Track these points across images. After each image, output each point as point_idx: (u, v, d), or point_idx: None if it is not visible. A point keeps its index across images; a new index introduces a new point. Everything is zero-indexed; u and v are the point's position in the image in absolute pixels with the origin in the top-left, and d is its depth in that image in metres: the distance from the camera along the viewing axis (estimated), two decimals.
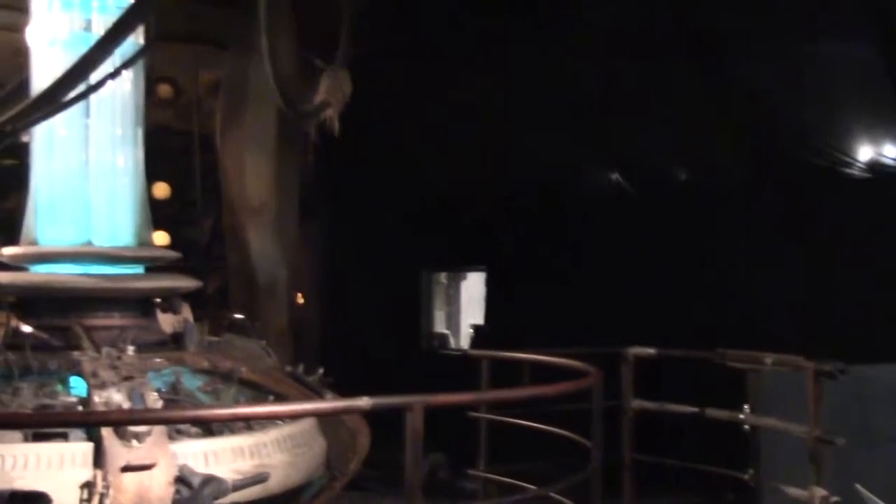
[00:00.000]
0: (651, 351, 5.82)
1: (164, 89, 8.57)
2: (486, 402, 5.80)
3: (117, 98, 4.84)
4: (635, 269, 8.36)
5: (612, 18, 7.56)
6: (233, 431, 4.15)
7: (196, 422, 4.03)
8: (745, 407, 5.29)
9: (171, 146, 8.30)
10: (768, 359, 5.14)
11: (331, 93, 5.38)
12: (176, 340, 4.76)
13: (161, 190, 8.13)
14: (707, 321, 7.53)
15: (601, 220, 8.59)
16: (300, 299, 8.66)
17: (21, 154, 4.91)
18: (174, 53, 8.29)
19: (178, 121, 8.78)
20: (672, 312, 7.90)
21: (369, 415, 3.88)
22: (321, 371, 4.89)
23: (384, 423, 3.96)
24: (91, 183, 4.78)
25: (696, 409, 5.50)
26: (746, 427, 5.33)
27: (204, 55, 8.60)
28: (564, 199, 8.50)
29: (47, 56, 4.80)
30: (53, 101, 4.36)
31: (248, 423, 4.17)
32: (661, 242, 8.32)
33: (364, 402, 3.37)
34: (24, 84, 5.23)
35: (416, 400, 3.38)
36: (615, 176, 8.58)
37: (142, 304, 4.76)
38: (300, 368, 4.88)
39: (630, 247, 8.35)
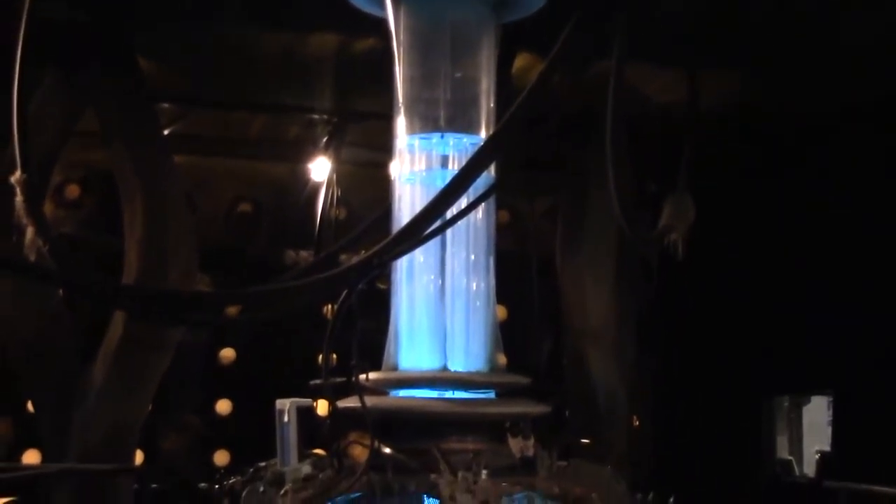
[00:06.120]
0: None
1: (503, 215, 8.86)
2: None
3: (471, 226, 5.08)
4: None
5: None
6: None
7: None
8: None
9: (509, 270, 8.51)
10: None
11: (675, 217, 5.37)
12: (525, 465, 4.82)
13: (499, 313, 8.33)
14: None
15: None
16: (635, 422, 8.54)
17: (373, 279, 5.13)
18: (511, 180, 8.56)
19: (515, 245, 9.02)
20: None
21: None
22: (672, 499, 4.78)
23: None
24: (447, 309, 5.01)
25: None
26: None
27: (540, 181, 8.80)
28: None
29: (406, 191, 5.12)
30: (414, 235, 4.62)
31: None
32: None
33: None
34: (381, 217, 5.59)
35: None
36: None
37: (494, 428, 4.88)
38: (650, 496, 4.80)
39: None
